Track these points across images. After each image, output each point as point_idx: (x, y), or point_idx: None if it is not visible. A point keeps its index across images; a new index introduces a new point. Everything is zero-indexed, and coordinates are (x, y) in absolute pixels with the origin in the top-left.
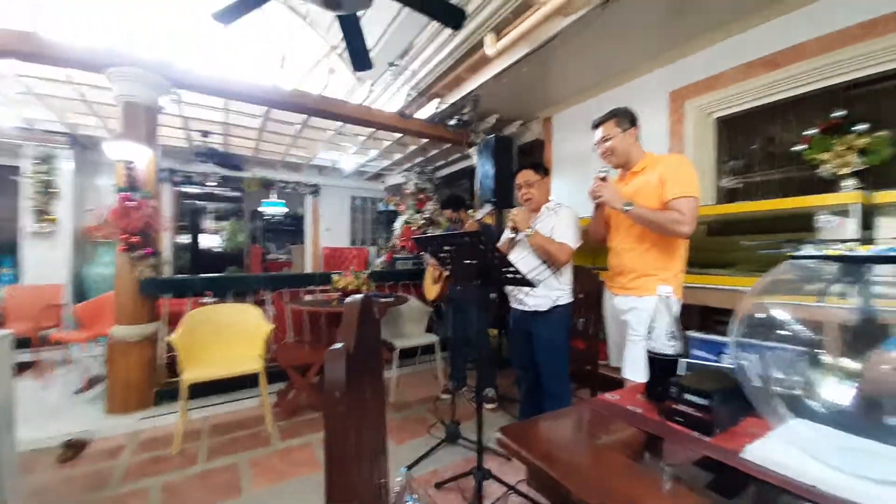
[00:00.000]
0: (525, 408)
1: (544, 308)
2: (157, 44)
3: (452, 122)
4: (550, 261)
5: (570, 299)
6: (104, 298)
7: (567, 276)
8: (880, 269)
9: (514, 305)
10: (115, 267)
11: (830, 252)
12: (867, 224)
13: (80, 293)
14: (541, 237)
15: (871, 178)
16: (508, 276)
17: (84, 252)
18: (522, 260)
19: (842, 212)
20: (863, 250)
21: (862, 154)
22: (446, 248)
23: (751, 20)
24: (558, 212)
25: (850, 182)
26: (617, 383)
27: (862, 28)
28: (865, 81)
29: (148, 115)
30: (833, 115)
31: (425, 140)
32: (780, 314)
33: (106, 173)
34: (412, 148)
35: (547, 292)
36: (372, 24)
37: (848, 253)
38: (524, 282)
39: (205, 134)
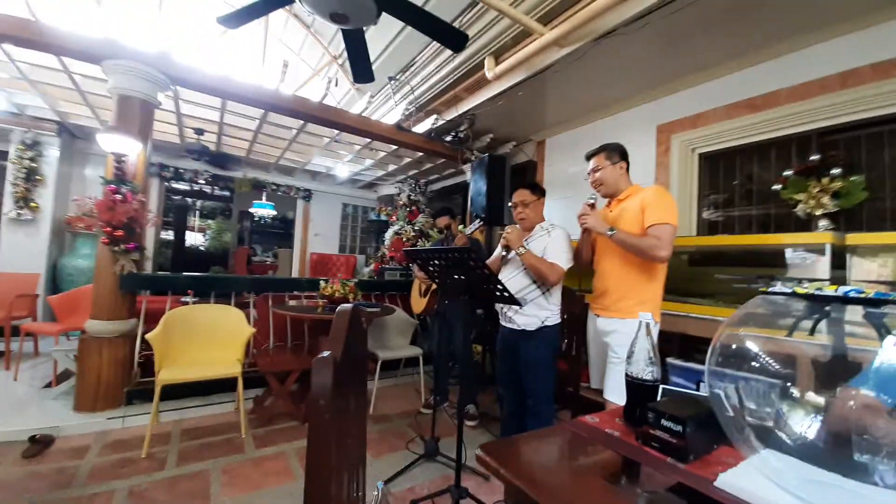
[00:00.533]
0: (507, 427)
1: (533, 327)
2: (157, 39)
3: (448, 139)
4: (541, 280)
5: (559, 320)
6: (80, 291)
7: (556, 296)
8: (848, 309)
9: (503, 323)
10: (93, 259)
11: (799, 290)
12: (839, 264)
13: (55, 284)
14: (533, 256)
15: (843, 220)
16: (496, 293)
17: (62, 242)
18: (513, 279)
19: (816, 250)
20: (830, 290)
21: (835, 196)
22: (436, 261)
23: (733, 65)
24: (551, 232)
25: (824, 223)
26: (598, 406)
27: (835, 79)
28: (840, 128)
29: (143, 110)
30: (809, 158)
31: (420, 154)
32: (752, 346)
33: (93, 164)
34: (407, 160)
35: (536, 311)
36: (375, 39)
37: (815, 292)
38: (511, 299)
39: (199, 132)
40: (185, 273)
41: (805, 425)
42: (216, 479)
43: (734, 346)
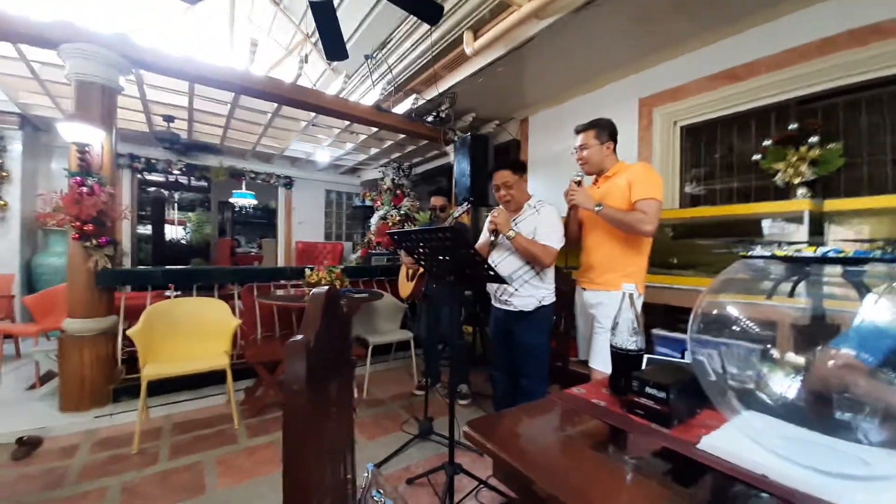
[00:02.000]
0: (501, 407)
1: (530, 308)
2: (115, 20)
3: (429, 119)
4: (535, 262)
5: (553, 299)
6: (56, 290)
7: (550, 275)
8: (827, 270)
9: (497, 305)
10: (67, 257)
11: (779, 253)
12: (818, 230)
13: (30, 284)
14: (524, 239)
15: (820, 188)
16: (484, 273)
17: (34, 241)
18: (504, 262)
19: (795, 218)
20: (809, 251)
21: (813, 165)
22: (420, 243)
23: (712, 35)
24: (540, 210)
25: (802, 191)
26: (585, 378)
27: (814, 46)
28: (818, 97)
29: (104, 96)
30: (788, 127)
31: (402, 135)
32: (733, 311)
33: (58, 157)
34: (389, 143)
35: (533, 292)
36: (348, 15)
37: (794, 254)
38: (498, 278)
39: (169, 119)
40: (164, 267)
41: (786, 386)
42: (210, 471)
43: (715, 312)
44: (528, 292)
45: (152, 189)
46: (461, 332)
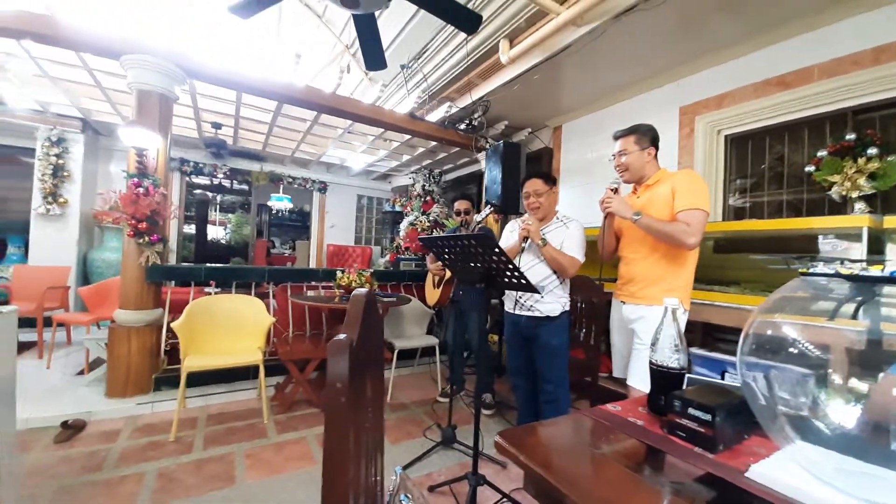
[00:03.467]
0: (524, 415)
1: (555, 314)
2: (172, 34)
3: (462, 127)
4: (560, 272)
5: (569, 306)
6: (109, 283)
7: (568, 284)
8: (890, 292)
9: (516, 312)
10: (121, 252)
11: (843, 271)
12: (877, 249)
13: (85, 276)
14: (553, 249)
15: (879, 203)
16: (514, 281)
17: (91, 236)
18: (533, 268)
19: (852, 235)
20: (875, 270)
21: (872, 178)
22: (451, 249)
23: (759, 41)
24: (568, 225)
25: (860, 206)
26: (617, 395)
27: (868, 54)
28: (875, 106)
29: (161, 104)
30: (844, 137)
31: (434, 143)
32: (788, 332)
33: (116, 160)
34: (421, 150)
35: (556, 299)
36: (387, 25)
37: (861, 272)
38: (530, 287)
39: (217, 126)
40: (207, 265)
41: (843, 414)
42: (240, 463)
43: (769, 333)
44: (553, 299)
45: (198, 191)
46: (487, 339)
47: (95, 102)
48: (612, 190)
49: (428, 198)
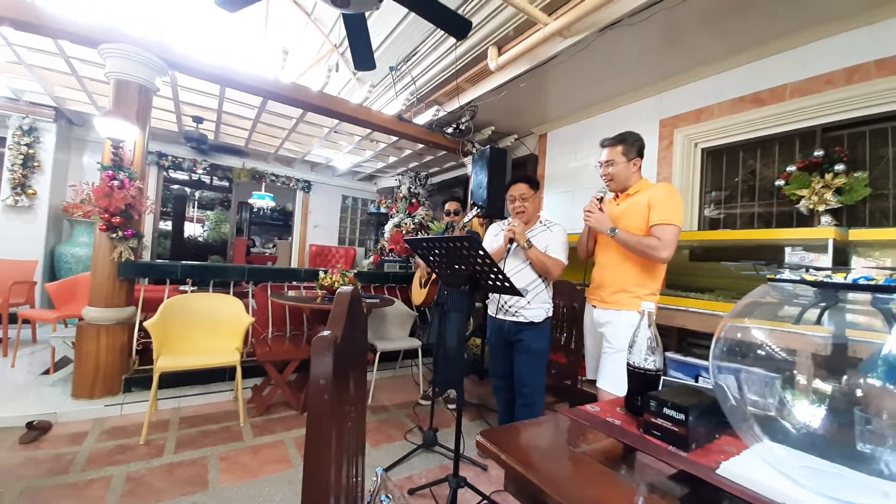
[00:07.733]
0: (505, 417)
1: (539, 319)
2: (154, 23)
3: (449, 130)
4: (545, 274)
5: (552, 311)
6: (78, 279)
7: (551, 289)
8: (854, 297)
9: (502, 317)
10: (91, 247)
11: (808, 277)
12: (842, 261)
13: (52, 272)
14: (538, 252)
15: (845, 217)
16: (498, 283)
17: (60, 230)
18: (520, 272)
19: (818, 247)
20: (839, 277)
21: (838, 193)
22: (437, 251)
23: (738, 59)
24: (552, 229)
25: (826, 219)
26: (594, 398)
27: (841, 74)
28: (844, 124)
29: (140, 95)
30: (812, 154)
31: (421, 145)
32: (756, 336)
33: (90, 151)
34: (407, 152)
35: (541, 304)
36: (377, 26)
37: (825, 279)
38: (514, 290)
39: (198, 120)
40: (183, 262)
41: (808, 415)
42: (214, 466)
43: (738, 337)
44: (538, 304)
45: (176, 186)
46: (462, 337)
47: (70, 91)
48: (597, 199)
49: (414, 200)
